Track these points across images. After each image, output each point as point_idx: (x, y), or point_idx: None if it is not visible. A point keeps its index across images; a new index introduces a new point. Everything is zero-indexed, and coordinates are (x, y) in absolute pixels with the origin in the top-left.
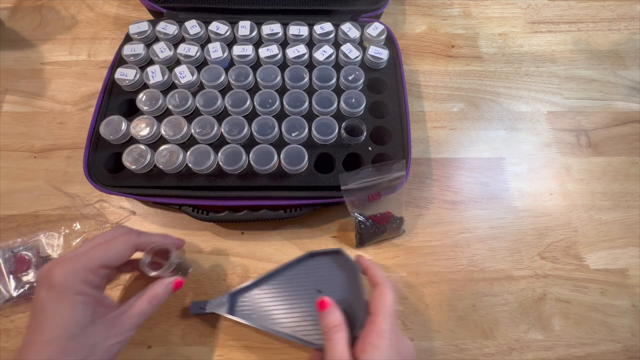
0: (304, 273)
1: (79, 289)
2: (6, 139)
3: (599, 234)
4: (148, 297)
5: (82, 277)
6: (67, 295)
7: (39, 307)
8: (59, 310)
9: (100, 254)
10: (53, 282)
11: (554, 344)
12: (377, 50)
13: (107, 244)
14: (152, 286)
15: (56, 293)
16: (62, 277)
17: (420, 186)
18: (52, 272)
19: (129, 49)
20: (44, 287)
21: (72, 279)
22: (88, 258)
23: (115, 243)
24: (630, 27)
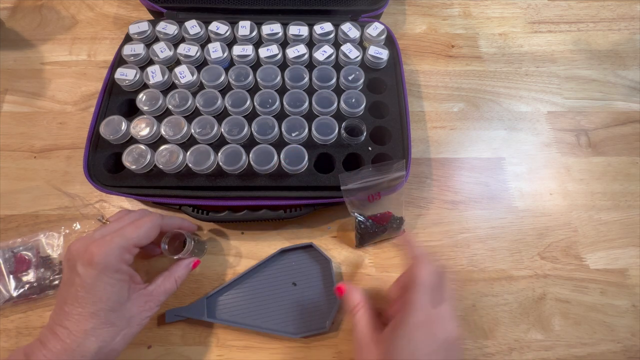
0: (277, 269)
1: (118, 267)
2: (6, 139)
3: (599, 234)
4: (174, 277)
5: (120, 256)
6: (108, 273)
7: (79, 282)
8: (102, 286)
9: (134, 234)
10: (93, 261)
11: (554, 344)
12: (377, 50)
13: (138, 224)
14: (175, 267)
15: (97, 271)
16: (102, 256)
17: (420, 186)
18: (91, 251)
19: (129, 49)
20: (84, 264)
21: (112, 257)
22: (124, 237)
23: (145, 222)
24: (630, 27)
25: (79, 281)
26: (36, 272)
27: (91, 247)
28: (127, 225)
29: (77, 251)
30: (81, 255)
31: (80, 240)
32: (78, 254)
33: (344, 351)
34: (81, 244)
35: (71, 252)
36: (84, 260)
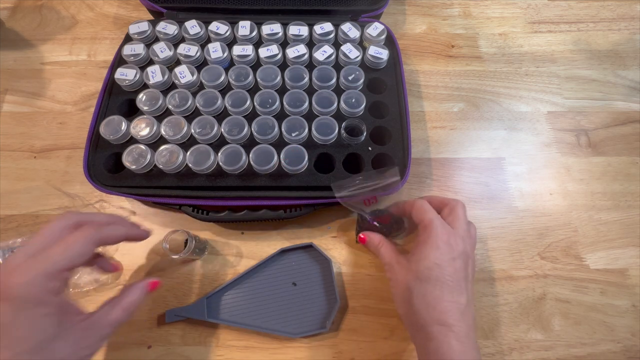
0: (277, 269)
1: (40, 299)
2: (6, 139)
3: (599, 234)
4: (123, 305)
5: (42, 285)
6: (27, 307)
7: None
8: (20, 324)
9: (60, 257)
10: (12, 294)
11: (554, 344)
12: (377, 50)
13: (66, 244)
14: (126, 292)
15: (16, 306)
16: (21, 287)
17: (420, 186)
18: (10, 282)
19: (129, 49)
20: (2, 299)
21: (34, 288)
22: (48, 262)
23: (75, 241)
24: (630, 27)
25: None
26: None
27: (9, 278)
28: (54, 245)
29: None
30: (1, 288)
31: (3, 268)
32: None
33: (344, 351)
34: (3, 273)
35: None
36: (2, 294)
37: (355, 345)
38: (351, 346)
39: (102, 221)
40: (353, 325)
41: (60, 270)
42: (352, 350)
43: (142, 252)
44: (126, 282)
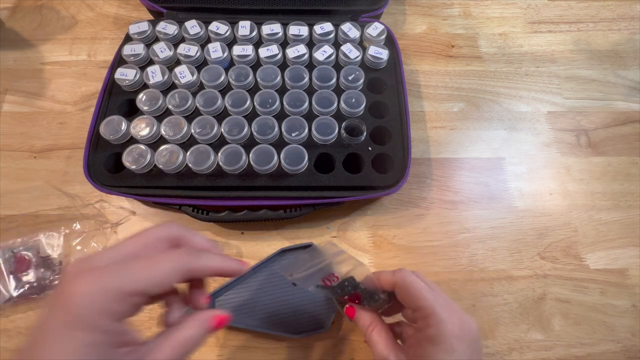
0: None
1: (96, 323)
2: (6, 139)
3: (599, 234)
4: (172, 343)
5: (104, 304)
6: (79, 326)
7: (45, 326)
8: (63, 345)
9: (140, 274)
10: (69, 304)
11: (554, 344)
12: (377, 50)
13: (153, 262)
14: (183, 325)
15: (67, 321)
16: (80, 299)
17: (420, 186)
18: (72, 289)
19: (129, 49)
20: (59, 305)
21: (91, 305)
22: (124, 279)
23: (163, 263)
24: (630, 27)
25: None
26: (36, 272)
27: (74, 281)
28: (140, 260)
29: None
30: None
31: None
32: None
33: (344, 351)
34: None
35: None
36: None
37: (355, 345)
38: (351, 346)
39: (199, 244)
40: (353, 325)
41: (133, 291)
42: (352, 350)
43: None
44: None
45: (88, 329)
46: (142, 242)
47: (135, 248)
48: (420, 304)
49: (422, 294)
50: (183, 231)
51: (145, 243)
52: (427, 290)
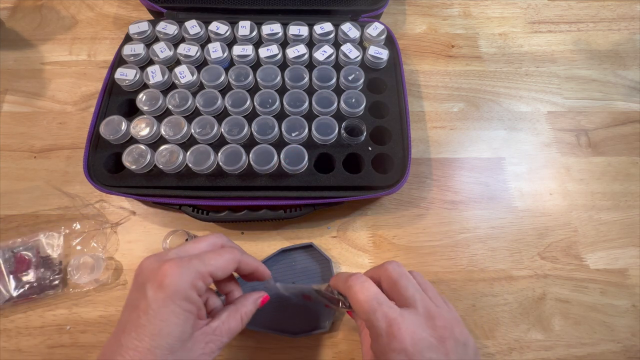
0: (278, 269)
1: (188, 295)
2: (6, 139)
3: (599, 234)
4: (241, 315)
5: (193, 282)
6: (176, 300)
7: (144, 306)
8: (166, 315)
9: (212, 261)
10: (164, 283)
11: (554, 344)
12: (377, 50)
13: (218, 253)
14: (242, 301)
15: (165, 295)
16: (175, 278)
17: (420, 186)
18: (165, 271)
19: (129, 49)
20: (153, 286)
21: (185, 281)
22: (201, 263)
23: (225, 253)
24: (630, 27)
25: (143, 305)
26: (36, 272)
27: (165, 267)
28: (206, 252)
29: (149, 269)
30: (153, 274)
31: (153, 257)
32: (150, 272)
33: (344, 351)
34: (154, 260)
35: (142, 269)
36: (155, 280)
37: (355, 345)
38: (351, 346)
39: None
40: (353, 325)
41: (208, 273)
42: (352, 350)
43: (141, 252)
44: (125, 282)
45: (184, 299)
46: (199, 246)
47: (199, 247)
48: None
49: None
50: (229, 241)
51: (201, 247)
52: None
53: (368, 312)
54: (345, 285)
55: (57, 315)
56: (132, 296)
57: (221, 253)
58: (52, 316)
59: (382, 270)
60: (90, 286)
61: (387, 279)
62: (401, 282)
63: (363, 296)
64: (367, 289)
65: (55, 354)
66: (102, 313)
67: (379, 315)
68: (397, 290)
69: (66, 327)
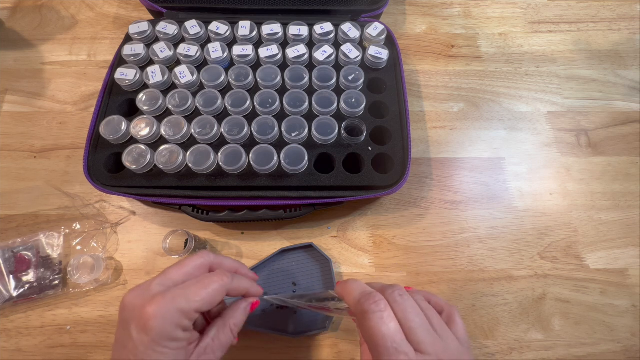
0: (277, 269)
1: (174, 336)
2: (6, 139)
3: (599, 234)
4: (230, 328)
5: (177, 322)
6: (161, 342)
7: (132, 347)
8: (155, 357)
9: (197, 297)
10: (148, 326)
11: (554, 344)
12: (377, 50)
13: (203, 285)
14: (230, 312)
15: (151, 338)
16: (158, 322)
17: (420, 186)
18: (147, 314)
19: (129, 49)
20: (137, 328)
21: (169, 324)
22: (184, 299)
23: (211, 283)
24: (630, 27)
25: (131, 346)
26: (36, 272)
27: (147, 308)
28: (192, 284)
29: (132, 306)
30: (136, 314)
31: (137, 292)
32: (133, 311)
33: (344, 351)
34: (137, 296)
35: (125, 306)
36: (138, 322)
37: (355, 345)
38: (351, 346)
39: (230, 267)
40: (353, 325)
41: (194, 310)
42: (352, 350)
43: (141, 252)
44: (125, 282)
45: (170, 339)
46: (184, 271)
47: (179, 276)
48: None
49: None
50: (216, 258)
51: (187, 272)
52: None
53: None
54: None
55: (57, 315)
56: (120, 334)
57: (207, 284)
58: (52, 316)
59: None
60: (90, 286)
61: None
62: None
63: (381, 334)
64: (387, 327)
65: (55, 354)
66: (102, 313)
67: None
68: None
69: (66, 327)
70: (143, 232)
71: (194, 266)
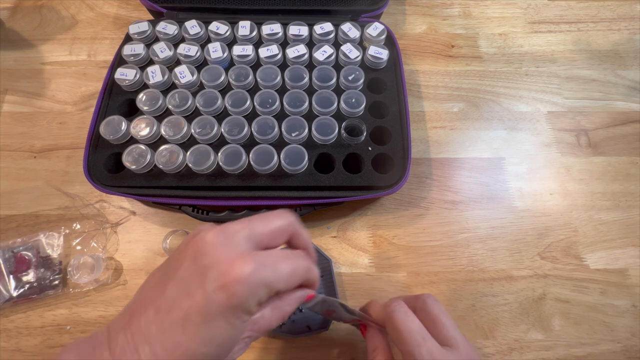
0: None
1: (251, 310)
2: (6, 139)
3: (599, 234)
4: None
5: (259, 296)
6: (237, 313)
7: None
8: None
9: (284, 276)
10: (232, 290)
11: (554, 344)
12: (377, 50)
13: (293, 266)
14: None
15: (229, 304)
16: (244, 288)
17: (420, 186)
18: (235, 273)
19: (129, 49)
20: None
21: (253, 298)
22: (274, 274)
23: (299, 269)
24: (630, 27)
25: (199, 300)
26: (36, 272)
27: (237, 267)
28: (280, 259)
29: (217, 257)
30: (221, 268)
31: (221, 238)
32: (217, 261)
33: (344, 351)
34: (223, 247)
35: (207, 249)
36: (221, 278)
37: (355, 345)
38: (351, 346)
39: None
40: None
41: (276, 290)
42: (352, 350)
43: (141, 252)
44: (125, 282)
45: (246, 313)
46: (270, 230)
47: (265, 236)
48: (402, 347)
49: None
50: (298, 226)
51: (272, 231)
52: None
53: (412, 345)
54: (385, 311)
55: (57, 315)
56: (186, 273)
57: (297, 271)
58: (52, 316)
59: (419, 303)
60: (90, 286)
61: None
62: (442, 319)
63: (407, 327)
64: (412, 320)
65: (55, 354)
66: (102, 313)
67: (424, 350)
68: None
69: (66, 327)
70: (143, 232)
71: (279, 227)
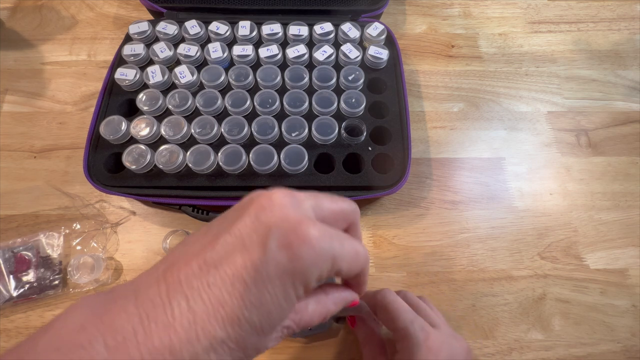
0: None
1: (310, 285)
2: (6, 139)
3: (599, 234)
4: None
5: (322, 269)
6: (297, 281)
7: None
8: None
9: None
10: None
11: (554, 344)
12: (377, 50)
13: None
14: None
15: (293, 271)
16: (311, 254)
17: (420, 186)
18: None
19: (129, 49)
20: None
21: (317, 270)
22: (341, 247)
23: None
24: (630, 27)
25: (257, 257)
26: (36, 272)
27: (306, 228)
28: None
29: (284, 215)
30: (288, 227)
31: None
32: (284, 220)
33: (344, 351)
34: (292, 209)
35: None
36: (289, 240)
37: (355, 345)
38: (351, 346)
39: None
40: None
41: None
42: (352, 350)
43: (142, 252)
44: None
45: (305, 284)
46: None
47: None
48: (396, 325)
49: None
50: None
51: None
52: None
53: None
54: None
55: None
56: (245, 229)
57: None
58: (52, 316)
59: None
60: (90, 286)
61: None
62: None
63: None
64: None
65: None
66: None
67: (417, 326)
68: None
69: None
70: (143, 232)
71: (344, 210)
